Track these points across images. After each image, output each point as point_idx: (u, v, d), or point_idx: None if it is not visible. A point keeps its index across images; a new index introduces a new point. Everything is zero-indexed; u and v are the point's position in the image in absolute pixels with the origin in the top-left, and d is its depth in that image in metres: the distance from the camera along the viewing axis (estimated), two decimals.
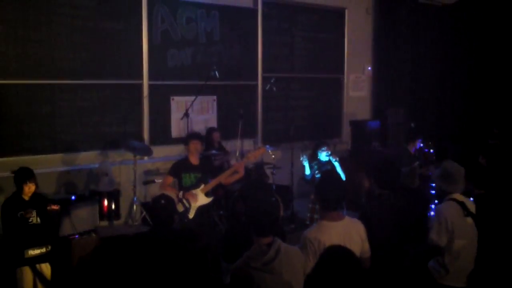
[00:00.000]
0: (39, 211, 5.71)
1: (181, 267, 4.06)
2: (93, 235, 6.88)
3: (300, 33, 10.42)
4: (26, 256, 5.49)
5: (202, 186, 6.54)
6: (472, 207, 4.87)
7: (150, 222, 7.50)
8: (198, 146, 6.64)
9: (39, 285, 5.65)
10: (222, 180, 6.62)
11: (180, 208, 6.33)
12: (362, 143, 10.08)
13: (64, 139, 7.77)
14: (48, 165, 7.59)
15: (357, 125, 10.34)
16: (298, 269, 3.75)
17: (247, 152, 8.55)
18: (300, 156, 7.98)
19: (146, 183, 8.23)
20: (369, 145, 10.03)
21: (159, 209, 4.58)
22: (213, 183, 6.56)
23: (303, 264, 3.85)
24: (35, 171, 5.89)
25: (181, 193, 6.42)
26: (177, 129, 8.78)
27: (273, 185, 8.29)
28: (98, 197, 7.47)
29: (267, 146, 8.98)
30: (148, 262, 4.30)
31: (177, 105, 8.79)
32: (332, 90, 11.14)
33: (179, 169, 6.62)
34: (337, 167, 7.76)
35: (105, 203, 7.49)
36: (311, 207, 7.62)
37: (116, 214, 7.63)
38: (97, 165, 7.97)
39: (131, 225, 7.71)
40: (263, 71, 9.88)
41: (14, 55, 7.28)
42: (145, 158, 8.28)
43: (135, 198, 7.79)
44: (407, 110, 10.93)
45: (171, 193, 6.51)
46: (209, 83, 8.43)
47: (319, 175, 7.66)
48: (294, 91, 10.48)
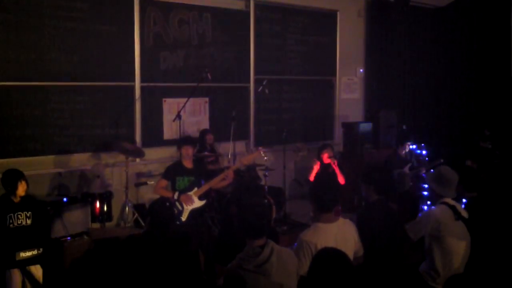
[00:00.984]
0: (30, 213, 5.69)
1: (174, 269, 4.05)
2: (85, 237, 6.86)
3: (292, 35, 10.43)
4: (17, 258, 5.47)
5: (195, 189, 6.56)
6: (462, 211, 4.90)
7: (142, 224, 7.50)
8: (189, 151, 6.68)
9: (30, 287, 5.63)
10: (212, 184, 6.66)
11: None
12: (354, 145, 10.09)
13: (56, 141, 7.75)
14: (40, 167, 7.57)
15: (349, 127, 10.34)
16: (291, 270, 3.75)
17: (239, 154, 8.58)
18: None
19: (138, 185, 8.22)
20: (361, 147, 10.04)
21: (163, 211, 4.57)
22: (205, 187, 6.60)
23: (297, 265, 3.86)
24: (27, 173, 5.89)
25: (176, 194, 6.43)
26: (169, 131, 8.77)
27: (266, 187, 8.29)
28: (90, 199, 7.45)
29: (259, 148, 9.00)
30: (141, 264, 4.30)
31: (169, 107, 8.78)
32: (324, 92, 11.16)
33: (173, 172, 6.65)
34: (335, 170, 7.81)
35: (97, 205, 7.47)
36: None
37: (108, 216, 7.60)
38: (89, 167, 7.96)
39: (123, 227, 7.70)
40: (256, 73, 9.89)
41: (6, 57, 7.25)
42: (137, 160, 8.27)
43: (127, 200, 7.78)
44: (399, 112, 10.95)
45: (167, 195, 6.54)
46: (201, 85, 8.43)
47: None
48: (286, 93, 10.49)
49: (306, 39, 10.65)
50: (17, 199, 5.67)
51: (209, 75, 8.18)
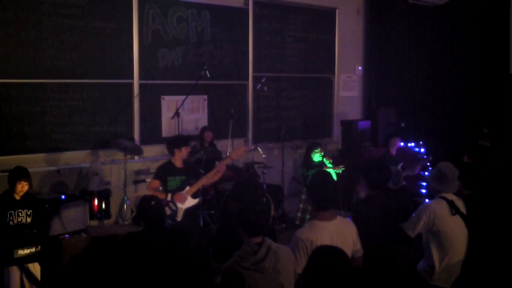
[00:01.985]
0: (30, 211, 5.70)
1: (173, 267, 4.06)
2: (84, 234, 6.85)
3: (291, 33, 10.43)
4: (15, 256, 5.46)
5: (187, 188, 6.59)
6: (461, 206, 4.90)
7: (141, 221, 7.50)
8: (188, 151, 6.76)
9: (27, 286, 5.62)
10: (205, 182, 6.71)
11: (167, 211, 6.37)
12: (352, 143, 10.09)
13: (54, 139, 7.75)
14: (38, 165, 7.57)
15: (348, 125, 10.35)
16: (288, 268, 3.75)
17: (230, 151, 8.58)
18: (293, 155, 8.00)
19: (136, 182, 8.22)
20: (359, 145, 10.05)
21: (150, 210, 4.59)
22: (197, 184, 6.66)
23: (294, 263, 3.86)
24: None
25: (169, 196, 6.46)
26: (167, 128, 8.77)
27: (264, 185, 8.29)
28: (88, 197, 7.44)
29: (258, 145, 9.01)
30: (139, 262, 4.29)
31: (168, 104, 8.78)
32: (323, 90, 11.16)
33: (165, 172, 6.72)
34: (330, 168, 7.78)
35: (96, 202, 7.47)
36: (302, 207, 7.63)
37: (106, 213, 7.61)
38: (87, 165, 7.96)
39: (122, 224, 7.70)
40: (254, 70, 9.88)
41: (4, 54, 7.24)
42: (136, 157, 8.27)
43: (126, 197, 7.78)
44: (398, 110, 10.96)
45: (160, 196, 6.56)
46: (200, 82, 8.43)
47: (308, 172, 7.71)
48: (285, 91, 10.49)
49: (305, 36, 10.64)
50: (18, 196, 5.67)
51: (207, 72, 8.18)
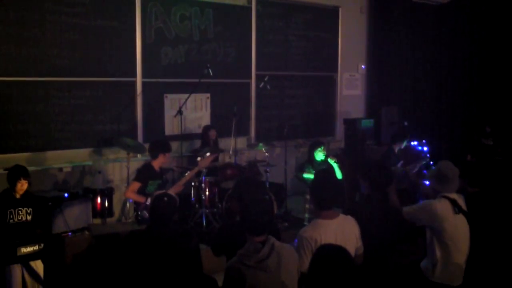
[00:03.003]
0: (30, 209, 5.71)
1: (176, 265, 4.05)
2: (86, 233, 6.87)
3: (294, 31, 10.41)
4: (18, 254, 5.47)
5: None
6: (463, 204, 4.89)
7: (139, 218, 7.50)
8: (169, 158, 7.10)
9: (29, 283, 5.63)
10: (177, 189, 6.93)
11: (145, 215, 6.46)
12: (355, 141, 10.08)
13: (57, 137, 7.75)
14: (41, 163, 7.56)
15: (350, 124, 10.33)
16: (292, 267, 3.75)
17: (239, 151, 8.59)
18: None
19: None
20: (362, 143, 10.04)
21: (162, 207, 4.57)
22: (171, 190, 6.71)
23: (297, 262, 3.85)
24: (28, 169, 5.89)
25: (148, 200, 6.49)
26: (170, 126, 8.76)
27: (267, 183, 8.28)
28: (91, 195, 7.44)
29: (261, 143, 9.01)
30: (142, 260, 4.29)
31: (171, 102, 8.78)
32: (326, 88, 11.15)
33: (147, 176, 6.88)
34: (335, 167, 7.78)
35: (98, 200, 7.47)
36: (309, 208, 7.64)
37: (109, 211, 7.61)
38: (90, 163, 7.96)
39: (125, 222, 7.69)
40: (257, 69, 9.87)
41: (7, 52, 7.24)
42: (139, 155, 8.26)
43: None
44: (401, 108, 10.94)
45: (138, 199, 6.67)
46: (202, 80, 8.43)
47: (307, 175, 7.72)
48: (287, 89, 10.47)
49: (308, 35, 10.63)
50: (18, 194, 5.68)
51: (210, 71, 8.18)
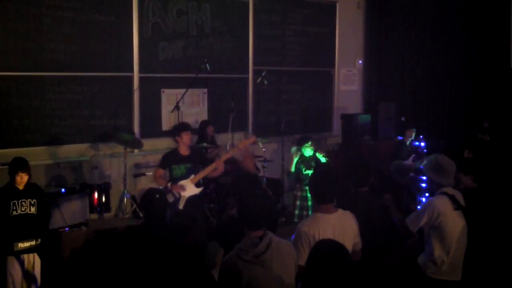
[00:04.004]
0: (34, 200, 5.70)
1: (172, 261, 4.04)
2: (84, 228, 6.86)
3: (291, 26, 10.41)
4: (15, 249, 5.46)
5: (192, 176, 6.59)
6: (461, 200, 4.90)
7: (141, 215, 7.49)
8: (190, 136, 6.74)
9: (28, 277, 5.63)
10: (207, 172, 6.71)
11: (170, 198, 6.34)
12: (353, 137, 10.08)
13: (54, 132, 7.73)
14: (38, 158, 7.54)
15: (348, 119, 10.34)
16: (289, 262, 3.75)
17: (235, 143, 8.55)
18: (290, 149, 8.00)
19: (136, 176, 8.21)
20: (360, 139, 10.05)
21: (153, 203, 4.57)
22: (201, 174, 6.65)
23: (295, 257, 3.85)
24: None
25: (169, 184, 6.48)
26: (167, 122, 8.75)
27: (264, 179, 8.28)
28: (88, 190, 7.44)
29: (258, 138, 9.00)
30: (137, 255, 4.29)
31: (168, 98, 8.76)
32: (323, 83, 11.15)
33: (169, 161, 6.72)
34: (324, 162, 7.76)
35: (96, 196, 7.48)
36: (299, 205, 7.64)
37: (106, 207, 7.62)
38: (87, 158, 7.95)
39: (122, 218, 7.69)
40: (254, 64, 9.86)
41: (3, 47, 7.21)
42: (136, 151, 8.25)
43: (126, 191, 7.78)
44: (398, 104, 10.95)
45: (163, 184, 6.58)
46: (200, 76, 8.42)
47: (307, 171, 7.69)
48: (285, 84, 10.47)
49: (305, 30, 10.62)
50: (21, 186, 5.67)
51: (208, 66, 8.17)
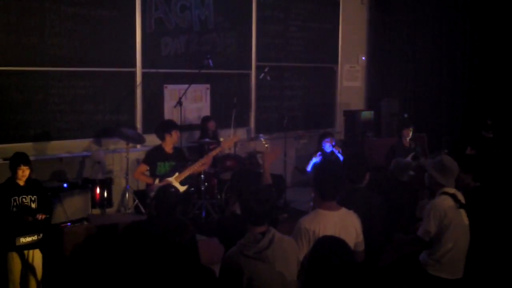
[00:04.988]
0: (35, 196, 5.70)
1: (170, 257, 4.05)
2: (85, 223, 6.85)
3: (294, 22, 10.38)
4: (17, 244, 5.45)
5: (176, 174, 6.62)
6: (462, 199, 4.89)
7: (143, 210, 7.50)
8: (178, 135, 6.86)
9: (30, 273, 5.63)
10: (194, 170, 6.78)
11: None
12: (355, 133, 10.07)
13: (56, 127, 7.74)
14: (40, 153, 7.56)
15: (351, 115, 10.32)
16: (291, 258, 3.73)
17: (240, 142, 8.56)
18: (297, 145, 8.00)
19: None
20: (362, 135, 10.03)
21: (167, 197, 4.55)
22: (186, 172, 6.68)
23: (297, 253, 3.84)
24: None
25: (157, 181, 6.49)
26: (170, 117, 8.70)
27: None
28: (90, 185, 7.45)
29: (261, 135, 9.00)
30: (139, 251, 4.28)
31: (170, 93, 8.76)
32: (326, 80, 11.13)
33: (155, 157, 6.80)
34: (340, 158, 7.79)
35: (98, 191, 7.48)
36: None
37: (108, 202, 7.62)
38: (89, 153, 7.95)
39: (124, 213, 7.70)
40: (257, 60, 9.85)
41: (6, 42, 7.21)
42: (138, 146, 8.26)
43: (128, 186, 7.79)
44: (401, 100, 10.93)
45: (147, 181, 6.62)
46: (202, 71, 8.41)
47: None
48: (288, 80, 10.45)
49: (308, 26, 10.60)
50: (22, 182, 5.66)
51: (210, 61, 8.16)
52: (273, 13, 10.04)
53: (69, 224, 6.74)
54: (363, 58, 11.68)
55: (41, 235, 5.61)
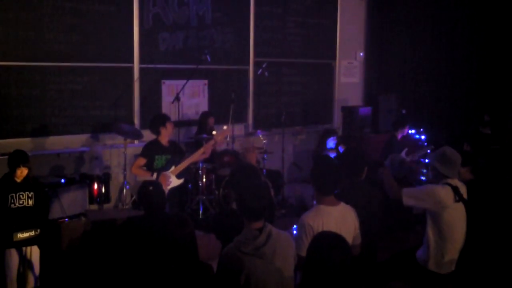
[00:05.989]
0: (32, 193, 5.68)
1: (170, 253, 4.05)
2: (83, 218, 6.86)
3: (292, 18, 10.37)
4: (14, 239, 5.46)
5: (172, 168, 6.62)
6: (464, 192, 4.90)
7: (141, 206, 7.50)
8: (172, 127, 6.92)
9: (27, 268, 5.63)
10: (189, 162, 6.83)
11: None
12: (353, 129, 10.08)
13: (54, 122, 7.72)
14: (38, 148, 7.55)
15: (348, 111, 10.33)
16: (288, 254, 3.74)
17: (238, 137, 8.55)
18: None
19: None
20: (360, 131, 10.04)
21: (150, 196, 4.57)
22: (183, 165, 6.72)
23: (294, 249, 3.85)
24: None
25: (155, 175, 6.49)
26: (168, 113, 8.65)
27: (264, 170, 8.27)
28: (88, 181, 7.45)
29: (258, 131, 8.99)
30: (138, 247, 4.29)
31: (168, 89, 8.75)
32: (324, 75, 11.12)
33: (152, 151, 6.79)
34: None
35: (95, 186, 7.49)
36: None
37: (106, 197, 7.63)
38: (87, 149, 7.95)
39: (121, 208, 7.70)
40: (255, 55, 9.84)
41: (4, 37, 7.19)
42: (136, 141, 8.25)
43: (125, 181, 7.78)
44: (399, 96, 10.93)
45: (145, 175, 6.61)
46: (200, 67, 8.40)
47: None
48: (286, 76, 10.44)
49: (306, 21, 10.58)
50: (19, 179, 5.65)
51: (208, 57, 8.16)
52: (271, 8, 10.02)
53: (66, 219, 6.76)
54: (361, 54, 11.67)
55: (39, 230, 5.62)
